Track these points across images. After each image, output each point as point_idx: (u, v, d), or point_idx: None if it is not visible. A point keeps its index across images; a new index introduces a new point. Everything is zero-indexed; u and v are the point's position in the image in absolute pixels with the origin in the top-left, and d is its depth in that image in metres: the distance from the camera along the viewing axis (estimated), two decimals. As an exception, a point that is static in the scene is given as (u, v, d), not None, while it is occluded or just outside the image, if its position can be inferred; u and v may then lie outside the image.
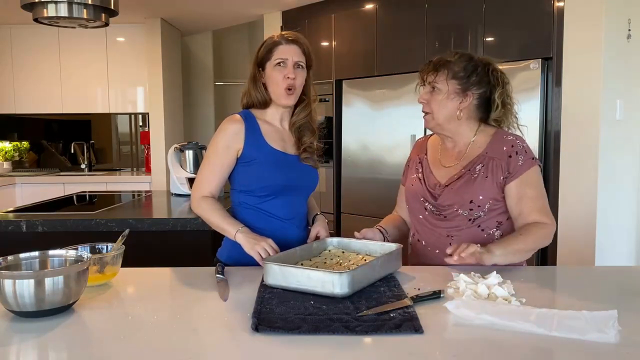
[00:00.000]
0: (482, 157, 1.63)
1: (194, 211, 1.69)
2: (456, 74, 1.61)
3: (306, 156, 1.72)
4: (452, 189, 1.63)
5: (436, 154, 1.75)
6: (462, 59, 1.63)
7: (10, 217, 2.47)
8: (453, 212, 1.62)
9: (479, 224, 1.61)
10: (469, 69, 1.62)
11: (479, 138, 1.66)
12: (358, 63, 4.40)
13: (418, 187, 1.71)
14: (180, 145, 3.39)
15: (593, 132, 3.11)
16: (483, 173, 1.60)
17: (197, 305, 1.28)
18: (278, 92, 1.65)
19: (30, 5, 2.72)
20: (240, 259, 1.60)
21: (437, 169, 1.71)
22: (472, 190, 1.60)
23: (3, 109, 5.38)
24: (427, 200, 1.67)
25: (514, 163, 1.59)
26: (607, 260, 3.22)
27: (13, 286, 1.10)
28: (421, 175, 1.73)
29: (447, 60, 1.62)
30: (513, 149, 1.60)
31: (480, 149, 1.64)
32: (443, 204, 1.63)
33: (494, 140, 1.64)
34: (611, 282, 1.49)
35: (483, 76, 1.63)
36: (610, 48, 3.10)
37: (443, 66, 1.62)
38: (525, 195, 1.58)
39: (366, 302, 1.21)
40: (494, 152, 1.62)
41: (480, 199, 1.59)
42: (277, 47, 1.64)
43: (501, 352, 0.98)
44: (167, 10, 5.04)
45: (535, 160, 1.61)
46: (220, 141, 1.65)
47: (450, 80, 1.61)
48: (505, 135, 1.65)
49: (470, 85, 1.62)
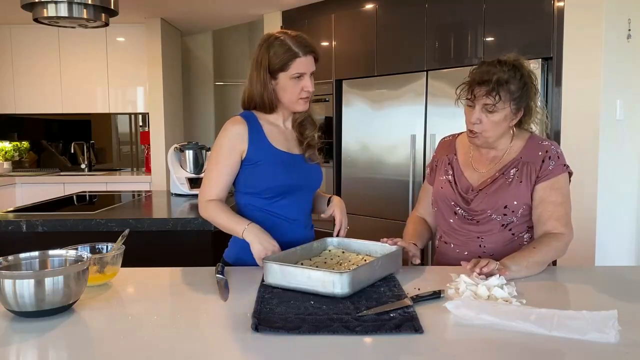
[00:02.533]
0: (516, 162, 1.60)
1: (202, 215, 1.66)
2: (513, 94, 1.53)
3: (310, 152, 1.71)
4: (486, 193, 1.60)
5: (467, 155, 1.71)
6: (515, 74, 1.54)
7: (10, 217, 2.47)
8: (486, 217, 1.60)
9: (511, 228, 1.60)
10: (523, 87, 1.55)
11: (515, 143, 1.63)
12: (358, 63, 4.40)
13: (449, 191, 1.67)
14: (180, 145, 3.39)
15: (593, 132, 3.11)
16: (517, 178, 1.58)
17: (197, 305, 1.28)
18: (293, 100, 1.63)
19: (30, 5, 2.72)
20: (249, 261, 1.58)
21: (470, 172, 1.67)
22: (506, 195, 1.58)
23: (3, 109, 5.38)
24: (459, 205, 1.64)
25: (545, 167, 1.57)
26: (607, 260, 3.22)
27: (13, 286, 1.10)
28: (452, 178, 1.68)
29: (505, 79, 1.52)
30: (547, 154, 1.59)
31: (515, 153, 1.62)
32: (476, 209, 1.61)
33: (529, 145, 1.62)
34: (611, 282, 1.49)
35: (530, 89, 1.58)
36: (610, 48, 3.10)
37: (502, 87, 1.51)
38: (548, 199, 1.56)
39: (366, 302, 1.21)
40: (528, 157, 1.60)
41: (514, 204, 1.57)
42: (295, 60, 1.58)
43: (501, 352, 0.98)
44: (167, 10, 5.04)
45: (566, 167, 1.59)
46: (224, 143, 1.63)
47: (510, 102, 1.54)
48: (541, 141, 1.62)
49: (522, 103, 1.57)
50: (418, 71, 3.93)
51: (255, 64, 1.62)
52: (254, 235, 1.54)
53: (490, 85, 1.51)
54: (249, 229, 1.55)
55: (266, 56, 1.59)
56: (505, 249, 1.60)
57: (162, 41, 5.27)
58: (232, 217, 1.61)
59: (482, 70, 1.55)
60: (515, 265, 1.42)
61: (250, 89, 1.65)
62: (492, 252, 1.60)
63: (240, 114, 1.68)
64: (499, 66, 1.54)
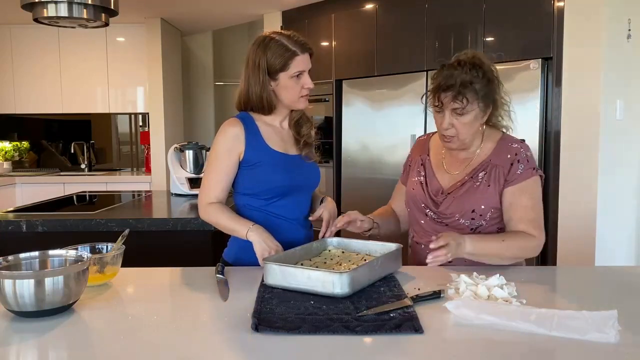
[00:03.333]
0: (485, 164, 1.60)
1: (203, 218, 1.66)
2: (479, 92, 1.52)
3: (307, 151, 1.71)
4: (454, 197, 1.60)
5: (439, 156, 1.70)
6: (477, 73, 1.52)
7: (10, 217, 2.47)
8: (454, 220, 1.60)
9: (480, 232, 1.60)
10: (488, 84, 1.54)
11: (485, 144, 1.63)
12: (358, 63, 4.40)
13: (419, 193, 1.67)
14: (180, 145, 3.39)
15: (593, 132, 3.11)
16: (485, 181, 1.58)
17: (197, 305, 1.28)
18: (294, 99, 1.63)
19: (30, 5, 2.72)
20: (248, 260, 1.59)
21: (441, 174, 1.67)
22: (473, 199, 1.57)
23: (3, 109, 5.38)
24: (429, 207, 1.64)
25: (513, 170, 1.56)
26: (607, 260, 3.22)
27: (13, 286, 1.10)
28: (423, 179, 1.68)
29: (469, 80, 1.50)
30: (516, 157, 1.57)
31: (485, 155, 1.61)
32: (445, 212, 1.61)
33: (499, 148, 1.61)
34: (611, 282, 1.49)
35: (495, 84, 1.57)
36: (610, 48, 3.10)
37: (467, 89, 1.49)
38: (519, 203, 1.55)
39: (366, 302, 1.21)
40: (497, 160, 1.59)
41: (482, 208, 1.57)
42: (294, 59, 1.58)
43: (501, 352, 0.98)
44: (167, 10, 5.04)
45: (535, 171, 1.58)
46: (221, 146, 1.63)
47: (478, 102, 1.53)
48: (511, 143, 1.61)
49: (489, 99, 1.56)
50: (418, 71, 3.93)
51: (251, 66, 1.61)
52: (257, 236, 1.54)
53: (456, 89, 1.50)
54: (253, 229, 1.56)
55: (264, 58, 1.58)
56: None
57: (162, 41, 5.27)
58: (235, 219, 1.61)
59: (444, 75, 1.53)
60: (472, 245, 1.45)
61: (247, 91, 1.64)
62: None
63: (237, 115, 1.68)
64: (460, 67, 1.52)
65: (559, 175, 3.26)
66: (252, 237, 1.55)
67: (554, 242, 3.30)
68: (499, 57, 3.46)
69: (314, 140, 1.74)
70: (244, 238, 1.57)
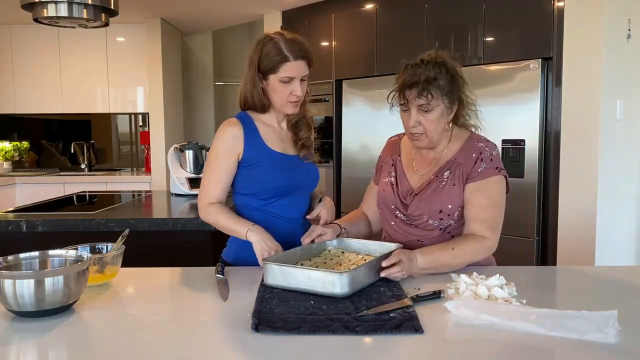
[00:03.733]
0: (450, 163, 1.58)
1: (203, 219, 1.66)
2: (444, 89, 1.52)
3: (305, 152, 1.71)
4: (422, 198, 1.58)
5: (410, 156, 1.69)
6: (441, 70, 1.52)
7: (10, 217, 2.47)
8: (423, 222, 1.58)
9: (450, 232, 1.58)
10: (452, 80, 1.54)
11: (452, 144, 1.61)
12: (358, 63, 4.40)
13: (390, 195, 1.66)
14: (180, 145, 3.39)
15: (593, 132, 3.11)
16: (451, 180, 1.56)
17: (197, 305, 1.28)
18: (282, 103, 1.63)
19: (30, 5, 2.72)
20: (247, 260, 1.59)
21: (411, 174, 1.66)
22: (440, 199, 1.56)
23: (3, 109, 5.38)
24: (398, 209, 1.63)
25: (475, 168, 1.54)
26: (607, 260, 3.22)
27: (13, 286, 1.10)
28: (394, 180, 1.67)
29: (433, 77, 1.50)
30: (480, 155, 1.56)
31: (451, 154, 1.60)
32: (413, 214, 1.60)
33: (465, 147, 1.59)
34: (611, 282, 1.49)
35: (459, 80, 1.57)
36: (610, 48, 3.10)
37: (431, 85, 1.50)
38: (475, 201, 1.53)
39: (366, 302, 1.21)
40: (463, 158, 1.57)
41: (449, 207, 1.55)
42: (284, 64, 1.56)
43: (501, 352, 0.98)
44: (167, 10, 5.04)
45: (497, 170, 1.55)
46: (220, 146, 1.63)
47: (443, 97, 1.53)
48: (477, 142, 1.59)
49: (454, 95, 1.55)
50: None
51: (248, 63, 1.63)
52: (257, 236, 1.54)
53: (420, 85, 1.50)
54: (252, 229, 1.56)
55: (258, 55, 1.59)
56: None
57: (162, 41, 5.27)
58: (235, 219, 1.61)
59: (408, 73, 1.54)
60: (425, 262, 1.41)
61: (244, 88, 1.66)
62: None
63: (236, 115, 1.68)
64: (423, 65, 1.53)
65: (559, 176, 3.26)
66: (251, 237, 1.55)
67: (554, 242, 3.30)
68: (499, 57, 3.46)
69: (312, 143, 1.74)
70: (243, 238, 1.57)
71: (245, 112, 1.69)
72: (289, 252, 1.47)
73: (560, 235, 3.26)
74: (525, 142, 3.34)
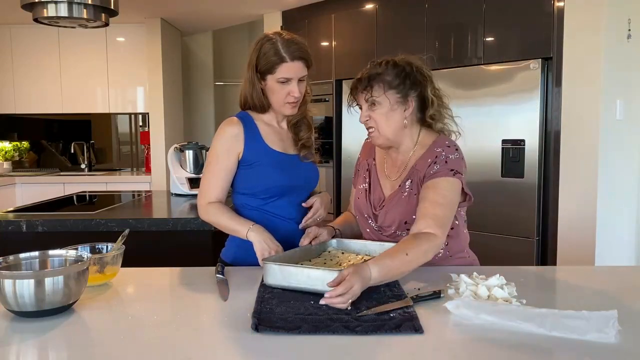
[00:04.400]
0: (411, 172, 1.55)
1: (203, 218, 1.66)
2: (391, 83, 1.51)
3: (305, 152, 1.71)
4: (387, 210, 1.57)
5: (382, 160, 1.68)
6: (389, 66, 1.53)
7: (10, 217, 2.47)
8: (392, 232, 1.57)
9: None
10: (401, 75, 1.52)
11: (417, 148, 1.57)
12: (358, 63, 4.37)
13: (363, 203, 1.65)
14: (180, 145, 3.39)
15: (593, 132, 3.11)
16: (412, 190, 1.54)
17: (197, 305, 1.28)
18: (280, 104, 1.63)
19: (30, 5, 2.72)
20: (246, 259, 1.59)
21: (384, 180, 1.63)
22: (403, 211, 1.53)
23: (3, 109, 5.38)
24: (370, 218, 1.62)
25: (429, 170, 1.50)
26: (607, 260, 3.22)
27: (13, 286, 1.10)
28: (367, 186, 1.66)
29: (377, 72, 1.52)
30: (436, 159, 1.51)
31: (414, 161, 1.56)
32: (383, 224, 1.58)
33: (426, 152, 1.55)
34: (611, 282, 1.49)
35: (414, 77, 1.54)
36: (610, 48, 3.10)
37: (375, 80, 1.52)
38: (427, 197, 1.46)
39: (366, 302, 1.21)
40: (420, 165, 1.54)
41: (413, 218, 1.48)
42: (281, 65, 1.56)
43: (501, 352, 0.98)
44: (167, 10, 5.04)
45: (452, 172, 1.48)
46: (220, 145, 1.63)
47: (388, 92, 1.52)
48: (437, 147, 1.54)
49: (408, 91, 1.53)
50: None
51: (248, 63, 1.63)
52: (257, 235, 1.54)
53: (364, 82, 1.54)
54: (253, 229, 1.56)
55: (256, 56, 1.60)
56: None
57: (162, 41, 5.27)
58: (235, 219, 1.61)
59: (357, 76, 1.58)
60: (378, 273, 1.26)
61: (243, 88, 1.66)
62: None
63: (236, 114, 1.69)
64: (372, 65, 1.57)
65: (559, 176, 3.26)
66: (252, 237, 1.55)
67: (554, 242, 3.30)
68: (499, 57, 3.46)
69: (312, 143, 1.74)
70: (244, 238, 1.57)
71: (246, 111, 1.69)
72: (289, 253, 1.47)
73: (560, 235, 3.26)
74: (525, 142, 3.34)
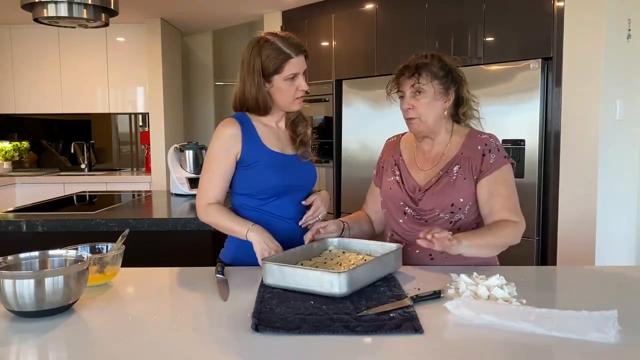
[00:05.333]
0: (458, 158, 1.63)
1: (202, 220, 1.66)
2: (437, 74, 1.61)
3: (303, 150, 1.71)
4: (433, 193, 1.62)
5: (412, 154, 1.73)
6: (435, 59, 1.62)
7: (10, 217, 2.47)
8: (434, 216, 1.61)
9: (459, 227, 1.61)
10: (445, 68, 1.62)
11: (454, 138, 1.67)
12: (358, 63, 4.40)
13: (397, 191, 1.69)
14: (180, 145, 3.39)
15: (593, 132, 3.11)
16: (461, 174, 1.61)
17: (197, 305, 1.28)
18: (288, 101, 1.63)
19: (30, 5, 2.72)
20: (245, 260, 1.59)
21: (415, 172, 1.69)
22: (452, 193, 1.60)
23: (3, 109, 5.38)
24: (407, 205, 1.66)
25: (486, 161, 1.59)
26: (607, 260, 3.22)
27: (13, 286, 1.10)
28: (399, 179, 1.70)
29: (425, 63, 1.61)
30: (486, 147, 1.61)
31: (456, 149, 1.65)
32: (424, 208, 1.62)
33: (468, 140, 1.65)
34: (611, 282, 1.49)
35: (456, 73, 1.65)
36: (610, 48, 3.10)
37: (422, 68, 1.60)
38: (496, 192, 1.58)
39: (366, 302, 1.21)
40: (469, 152, 1.62)
41: (460, 201, 1.59)
42: (288, 62, 1.58)
43: (501, 352, 0.98)
44: (167, 10, 5.04)
45: (507, 159, 1.62)
46: (219, 146, 1.63)
47: (434, 81, 1.60)
48: (480, 135, 1.66)
49: (450, 84, 1.63)
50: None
51: (247, 68, 1.61)
52: (257, 235, 1.54)
53: (412, 69, 1.61)
54: (253, 229, 1.56)
55: (259, 60, 1.59)
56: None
57: (162, 41, 5.27)
58: (235, 219, 1.61)
59: (403, 64, 1.66)
60: (467, 240, 1.44)
61: (243, 92, 1.65)
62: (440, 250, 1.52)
63: (233, 115, 1.69)
64: (418, 56, 1.65)
65: (559, 175, 3.26)
66: (252, 237, 1.55)
67: (554, 242, 3.30)
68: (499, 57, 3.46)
69: (309, 139, 1.74)
70: (243, 238, 1.57)
71: (243, 112, 1.69)
72: (289, 252, 1.47)
73: (560, 235, 3.26)
74: (525, 142, 3.34)
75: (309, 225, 1.67)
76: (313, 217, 1.67)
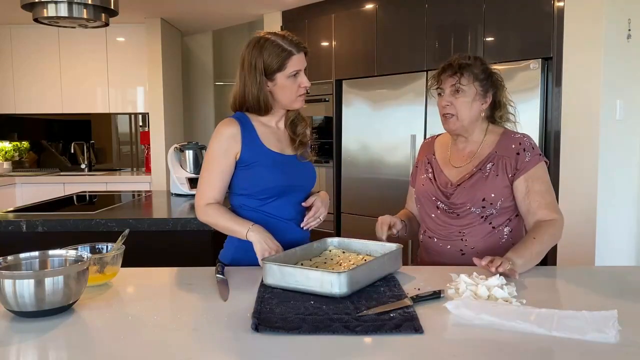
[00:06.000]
0: (492, 156, 1.67)
1: (201, 220, 1.66)
2: (478, 76, 1.66)
3: (302, 150, 1.71)
4: (465, 187, 1.66)
5: (445, 153, 1.78)
6: (478, 62, 1.68)
7: (10, 217, 2.47)
8: (466, 209, 1.65)
9: (490, 221, 1.65)
10: (486, 72, 1.68)
11: (488, 137, 1.71)
12: (358, 63, 4.40)
13: (429, 187, 1.74)
14: (180, 145, 3.39)
15: (593, 132, 3.11)
16: (494, 171, 1.65)
17: (197, 305, 1.28)
18: (291, 98, 1.63)
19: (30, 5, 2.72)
20: (245, 261, 1.59)
21: (448, 169, 1.74)
22: (484, 189, 1.64)
23: (3, 109, 5.38)
24: (439, 199, 1.71)
25: (521, 159, 1.64)
26: (607, 260, 3.22)
27: (13, 286, 1.10)
28: (432, 175, 1.76)
29: (467, 63, 1.66)
30: (521, 146, 1.65)
31: (490, 148, 1.69)
32: (456, 202, 1.67)
33: (503, 139, 1.69)
34: (611, 282, 1.49)
35: (496, 78, 1.71)
36: (610, 48, 3.10)
37: (465, 69, 1.65)
38: (533, 190, 1.62)
39: (366, 302, 1.21)
40: (503, 151, 1.67)
41: (492, 196, 1.63)
42: (290, 59, 1.59)
43: (501, 352, 0.98)
44: (167, 10, 5.04)
45: (541, 157, 1.66)
46: (218, 146, 1.62)
47: (475, 83, 1.65)
48: (514, 134, 1.70)
49: (489, 88, 1.68)
50: (418, 71, 3.93)
51: (247, 67, 1.61)
52: (257, 235, 1.54)
53: (454, 68, 1.66)
54: (253, 229, 1.56)
55: (260, 59, 1.58)
56: (486, 241, 1.65)
57: (162, 41, 5.27)
58: (235, 219, 1.61)
59: (446, 63, 1.70)
60: (520, 259, 1.46)
61: (243, 92, 1.64)
62: (473, 245, 1.66)
63: (233, 115, 1.68)
64: (461, 56, 1.69)
65: (559, 175, 3.26)
66: (252, 237, 1.54)
67: (554, 242, 3.30)
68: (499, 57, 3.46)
69: (308, 139, 1.74)
70: (243, 238, 1.57)
71: (242, 112, 1.68)
72: (289, 252, 1.47)
73: (560, 235, 3.26)
74: (526, 137, 3.34)
75: (310, 226, 1.67)
76: (314, 218, 1.67)
